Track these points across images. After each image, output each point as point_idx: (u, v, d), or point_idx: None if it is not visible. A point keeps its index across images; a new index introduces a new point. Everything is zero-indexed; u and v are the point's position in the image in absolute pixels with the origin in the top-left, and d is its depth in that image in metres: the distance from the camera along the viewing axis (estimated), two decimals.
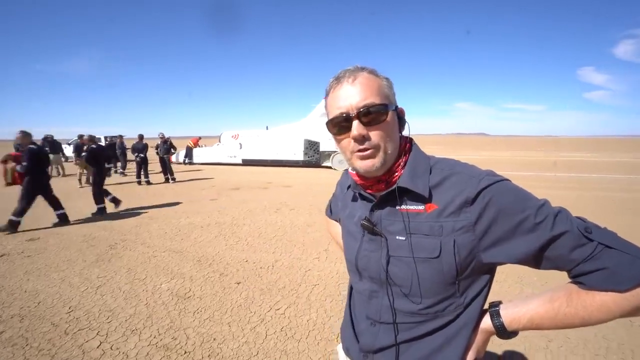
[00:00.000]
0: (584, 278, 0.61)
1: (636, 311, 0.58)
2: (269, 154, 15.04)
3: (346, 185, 0.91)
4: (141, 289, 3.12)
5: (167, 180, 10.54)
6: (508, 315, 0.67)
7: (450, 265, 0.67)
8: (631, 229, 4.81)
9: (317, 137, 14.23)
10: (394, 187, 0.71)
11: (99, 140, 12.41)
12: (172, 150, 10.99)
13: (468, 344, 0.70)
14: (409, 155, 0.75)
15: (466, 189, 0.66)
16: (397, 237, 0.72)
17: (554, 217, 0.62)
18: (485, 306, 0.73)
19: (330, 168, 14.01)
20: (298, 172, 12.92)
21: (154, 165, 12.36)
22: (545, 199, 0.66)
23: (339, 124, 0.70)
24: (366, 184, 0.77)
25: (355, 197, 0.84)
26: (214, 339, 2.34)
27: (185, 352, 2.19)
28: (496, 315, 0.69)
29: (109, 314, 2.69)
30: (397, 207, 0.72)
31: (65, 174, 12.27)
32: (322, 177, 11.41)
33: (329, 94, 0.73)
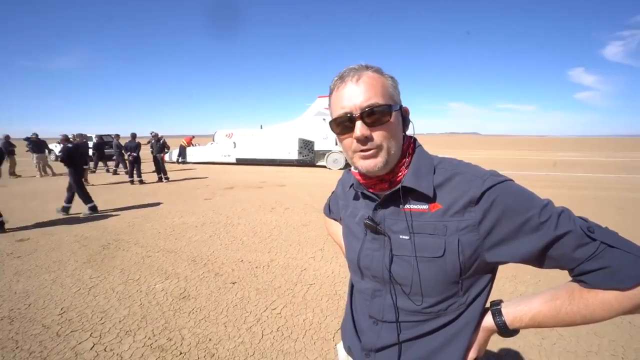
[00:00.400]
0: (586, 277, 0.62)
1: (638, 309, 0.59)
2: (263, 153, 14.98)
3: (348, 184, 0.91)
4: (135, 290, 3.08)
5: (160, 180, 10.42)
6: (510, 313, 0.68)
7: (454, 265, 0.67)
8: (621, 227, 4.91)
9: (312, 136, 14.23)
10: (398, 186, 0.71)
11: (90, 139, 12.22)
12: (165, 150, 10.86)
13: (470, 342, 0.71)
14: (412, 154, 0.75)
15: (471, 189, 0.66)
16: (400, 237, 0.72)
17: (557, 217, 0.62)
18: (487, 304, 0.73)
19: (325, 167, 14.02)
20: (292, 172, 12.89)
21: (148, 165, 12.22)
22: (548, 199, 0.66)
23: (342, 124, 0.69)
24: (369, 183, 0.77)
25: (358, 196, 0.84)
26: (210, 340, 2.32)
27: (180, 353, 2.17)
28: (498, 314, 0.69)
29: (102, 315, 2.64)
30: (401, 206, 0.72)
31: (55, 173, 12.04)
32: (316, 176, 11.38)
33: (333, 92, 0.72)
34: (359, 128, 0.67)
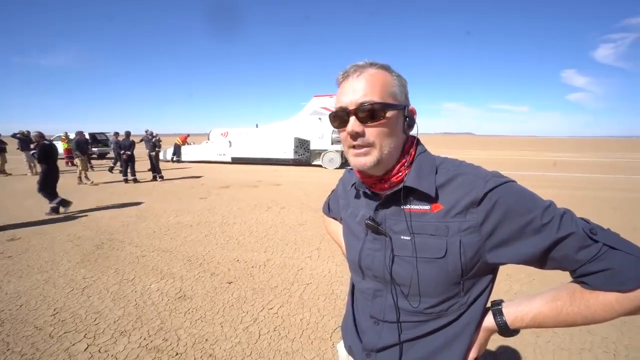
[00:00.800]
0: (587, 278, 0.62)
1: (638, 310, 0.60)
2: (258, 152, 14.92)
3: (350, 183, 0.91)
4: (130, 290, 3.05)
5: (154, 179, 10.32)
6: (511, 313, 0.68)
7: (455, 266, 0.67)
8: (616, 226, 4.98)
9: (308, 135, 14.22)
10: (400, 186, 0.71)
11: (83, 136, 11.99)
12: (157, 148, 10.72)
13: (470, 342, 0.71)
14: (414, 154, 0.74)
15: (473, 190, 0.66)
16: (401, 237, 0.71)
17: (560, 218, 0.62)
18: (487, 304, 0.74)
19: (321, 167, 14.02)
20: (288, 171, 12.86)
21: (143, 164, 12.08)
22: (550, 200, 0.66)
23: (339, 118, 0.71)
24: (369, 182, 0.77)
25: (359, 194, 0.84)
26: (206, 340, 2.30)
27: (176, 354, 2.15)
28: (499, 314, 0.69)
29: (96, 315, 2.61)
30: (403, 206, 0.72)
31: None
32: (312, 175, 11.37)
33: (338, 86, 0.74)
34: (351, 124, 0.68)
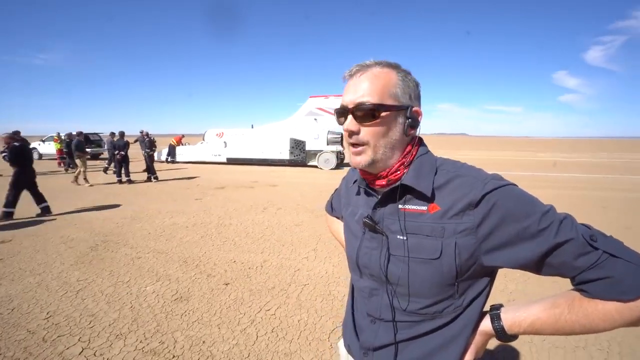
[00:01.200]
0: (587, 286, 0.61)
1: (639, 322, 0.58)
2: (254, 153, 14.88)
3: (352, 180, 0.92)
4: (125, 292, 3.01)
5: (149, 179, 10.23)
6: (508, 319, 0.67)
7: (450, 267, 0.67)
8: (608, 225, 5.06)
9: (303, 136, 14.21)
10: (397, 184, 0.72)
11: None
12: (150, 148, 10.62)
13: (467, 345, 0.71)
14: (415, 154, 0.75)
15: (471, 192, 0.66)
16: (398, 237, 0.72)
17: (558, 223, 0.61)
18: (486, 308, 0.73)
19: (317, 167, 14.02)
20: (284, 171, 12.84)
21: (138, 164, 11.96)
22: (550, 204, 0.65)
23: (341, 115, 0.73)
24: (368, 178, 0.78)
25: (359, 191, 0.85)
26: (204, 342, 2.29)
27: (173, 357, 2.14)
28: (497, 318, 0.69)
29: (91, 318, 2.57)
30: (400, 206, 0.72)
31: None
32: (308, 176, 11.37)
33: (344, 84, 0.75)
34: (348, 122, 0.71)
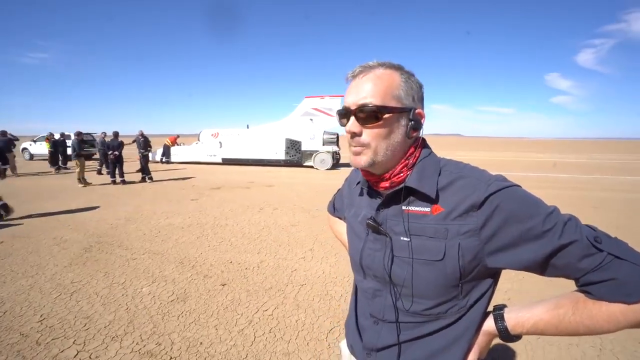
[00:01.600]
0: (591, 288, 0.61)
1: None
2: (250, 153, 14.82)
3: (355, 181, 0.91)
4: (120, 294, 2.98)
5: (143, 180, 10.14)
6: (512, 319, 0.68)
7: (453, 268, 0.67)
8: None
9: (299, 136, 14.20)
10: (401, 186, 0.71)
11: (68, 138, 11.63)
12: (145, 148, 10.51)
13: (470, 345, 0.71)
14: (418, 156, 0.75)
15: (474, 193, 0.66)
16: (401, 238, 0.72)
17: (563, 225, 0.61)
18: (489, 308, 0.74)
19: (312, 167, 14.02)
20: (280, 172, 12.81)
21: (132, 165, 11.83)
22: (554, 206, 0.65)
23: (343, 116, 0.73)
24: (370, 180, 0.78)
25: (362, 192, 0.85)
26: (201, 343, 2.27)
27: (170, 358, 2.12)
28: (500, 319, 0.69)
29: (85, 320, 2.54)
30: (403, 207, 0.72)
31: (18, 173, 11.46)
32: (304, 176, 11.36)
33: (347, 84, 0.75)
34: (350, 124, 0.71)
